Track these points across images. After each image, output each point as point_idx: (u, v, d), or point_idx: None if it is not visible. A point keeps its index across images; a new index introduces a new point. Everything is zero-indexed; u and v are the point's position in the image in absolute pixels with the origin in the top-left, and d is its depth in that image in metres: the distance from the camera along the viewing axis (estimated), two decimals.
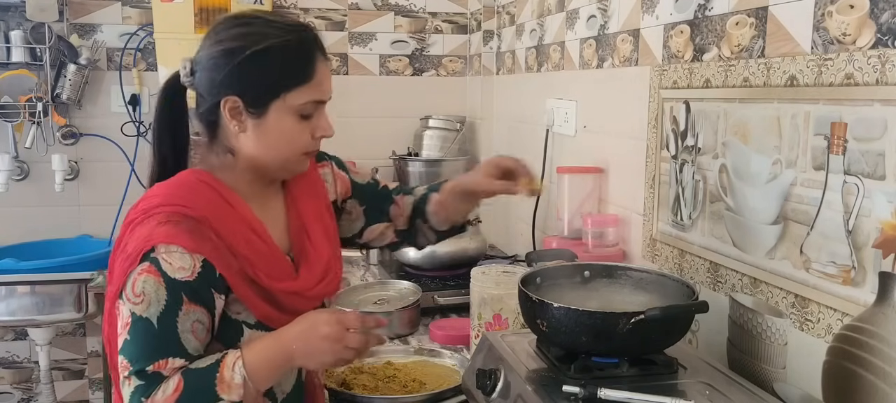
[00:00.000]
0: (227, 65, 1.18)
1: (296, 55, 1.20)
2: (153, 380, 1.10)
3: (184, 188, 1.20)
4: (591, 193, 1.96)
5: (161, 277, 1.11)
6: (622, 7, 1.83)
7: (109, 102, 2.89)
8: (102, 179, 2.91)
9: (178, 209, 1.15)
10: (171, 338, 1.11)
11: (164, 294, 1.11)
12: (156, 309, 1.11)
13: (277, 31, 1.19)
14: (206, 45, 1.22)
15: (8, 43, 2.72)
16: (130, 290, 1.11)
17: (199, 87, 1.22)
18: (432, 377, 1.54)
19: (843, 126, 1.11)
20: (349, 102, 3.08)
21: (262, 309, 1.20)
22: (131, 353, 1.11)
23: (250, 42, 1.18)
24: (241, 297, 1.18)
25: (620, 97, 1.83)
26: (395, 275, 2.24)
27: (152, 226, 1.14)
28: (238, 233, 1.19)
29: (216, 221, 1.17)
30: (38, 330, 2.71)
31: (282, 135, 1.21)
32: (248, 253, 1.18)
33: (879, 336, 1.05)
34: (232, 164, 1.24)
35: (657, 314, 1.12)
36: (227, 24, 1.21)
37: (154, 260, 1.11)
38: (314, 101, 1.22)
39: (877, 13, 1.05)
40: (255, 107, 1.19)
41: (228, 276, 1.16)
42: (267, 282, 1.19)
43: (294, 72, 1.19)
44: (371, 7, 3.07)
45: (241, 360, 1.12)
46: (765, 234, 1.28)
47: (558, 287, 1.39)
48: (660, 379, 1.18)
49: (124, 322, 1.12)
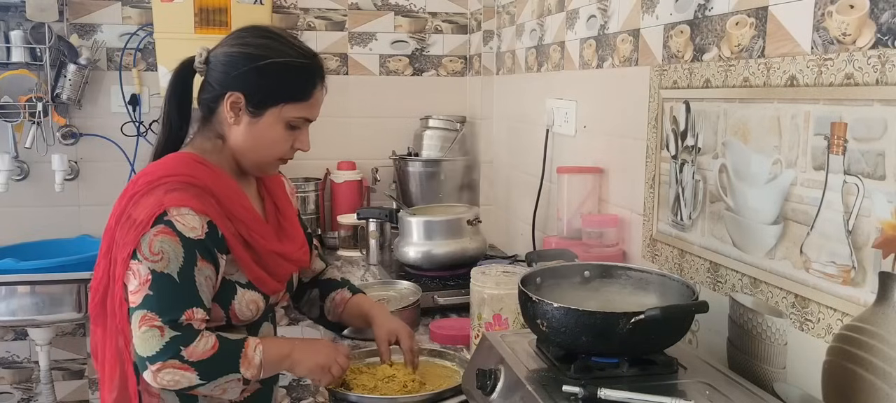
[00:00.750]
0: (245, 66, 1.34)
1: (304, 77, 1.37)
2: (188, 331, 1.25)
3: (182, 163, 1.35)
4: (591, 193, 1.96)
5: (177, 236, 1.26)
6: (622, 7, 1.83)
7: (109, 102, 2.89)
8: (102, 179, 2.91)
9: (184, 178, 1.31)
10: (192, 291, 1.27)
11: (181, 251, 1.26)
12: (176, 264, 1.25)
13: (295, 52, 1.38)
14: (229, 43, 1.38)
15: (8, 43, 2.72)
16: (148, 250, 1.25)
17: (210, 76, 1.38)
18: (432, 377, 1.54)
19: (843, 126, 1.11)
20: (349, 102, 3.08)
21: (254, 271, 1.37)
22: (158, 306, 1.24)
23: (272, 53, 1.35)
24: (237, 257, 1.34)
25: (620, 97, 1.83)
26: (395, 275, 2.24)
27: (161, 194, 1.28)
28: (233, 200, 1.35)
29: (216, 189, 1.33)
30: (38, 330, 2.71)
31: (268, 138, 1.37)
32: (244, 216, 1.36)
33: (879, 336, 1.05)
34: (220, 148, 1.40)
35: (657, 314, 1.12)
36: (254, 33, 1.39)
37: (168, 221, 1.26)
38: (304, 118, 1.40)
39: (877, 13, 1.05)
40: (255, 107, 1.35)
41: (228, 237, 1.32)
42: (260, 243, 1.37)
43: (297, 89, 1.37)
44: (371, 7, 3.07)
45: (261, 346, 1.31)
46: (765, 234, 1.28)
47: (558, 287, 1.39)
48: (660, 379, 1.18)
49: (143, 279, 1.25)
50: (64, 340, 2.95)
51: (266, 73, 1.34)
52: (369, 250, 2.54)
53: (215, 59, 1.38)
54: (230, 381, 1.28)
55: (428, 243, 2.23)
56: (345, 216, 2.83)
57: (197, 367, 1.24)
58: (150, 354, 1.23)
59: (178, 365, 1.23)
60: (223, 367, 1.27)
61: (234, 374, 1.28)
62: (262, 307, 1.41)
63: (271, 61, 1.34)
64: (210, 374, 1.26)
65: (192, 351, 1.23)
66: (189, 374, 1.24)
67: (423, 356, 1.66)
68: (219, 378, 1.27)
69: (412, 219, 2.26)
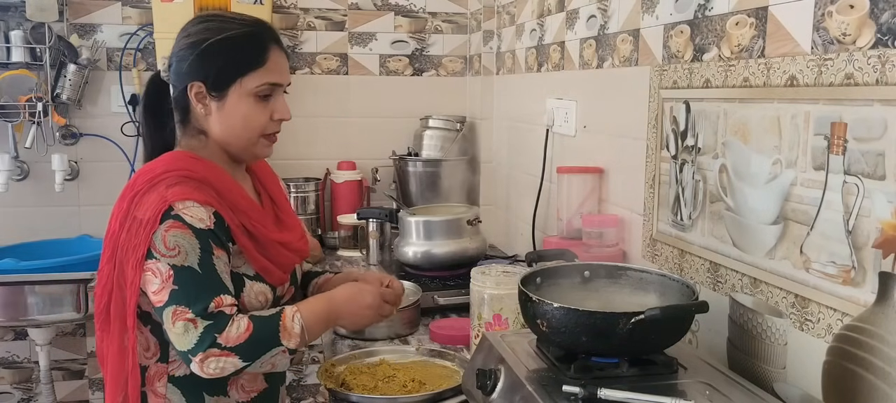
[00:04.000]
0: (192, 54, 1.34)
1: (251, 44, 1.36)
2: (220, 318, 1.24)
3: (179, 159, 1.35)
4: (591, 193, 1.96)
5: (188, 229, 1.26)
6: (622, 7, 1.83)
7: (109, 102, 2.89)
8: (102, 179, 2.91)
9: (183, 172, 1.31)
10: (215, 278, 1.27)
11: (195, 242, 1.26)
12: (194, 256, 1.25)
13: (235, 24, 1.37)
14: (178, 39, 1.39)
15: (8, 43, 2.71)
16: (162, 246, 1.25)
17: (172, 78, 1.39)
18: (432, 377, 1.54)
19: (843, 126, 1.11)
20: (349, 102, 3.08)
21: (260, 262, 1.36)
22: (186, 299, 1.24)
23: (211, 34, 1.35)
24: (242, 247, 1.34)
25: (620, 97, 1.83)
26: (395, 275, 2.23)
27: (162, 190, 1.28)
28: (232, 190, 1.35)
29: (214, 181, 1.33)
30: (38, 330, 2.70)
31: (241, 116, 1.36)
32: (245, 206, 1.36)
33: (879, 336, 1.05)
34: (206, 144, 1.40)
35: (657, 314, 1.12)
36: (193, 22, 1.40)
37: (176, 216, 1.26)
38: (269, 84, 1.37)
39: (877, 13, 1.05)
40: (216, 90, 1.35)
41: (233, 228, 1.32)
42: (263, 232, 1.37)
43: (249, 58, 1.35)
44: (371, 7, 3.07)
45: (299, 313, 1.31)
46: (765, 234, 1.28)
47: (558, 287, 1.39)
48: (660, 379, 1.18)
49: (165, 277, 1.25)
50: (64, 340, 2.95)
51: (212, 53, 1.34)
52: (369, 250, 2.54)
53: (171, 61, 1.39)
54: (276, 355, 1.28)
55: (428, 243, 2.23)
56: (345, 216, 2.83)
57: (237, 351, 1.24)
58: (189, 347, 1.23)
59: (218, 353, 1.23)
60: (264, 345, 1.27)
61: (277, 348, 1.28)
62: (270, 298, 1.40)
63: (212, 40, 1.34)
64: (252, 355, 1.26)
65: (227, 337, 1.24)
66: (232, 359, 1.24)
67: (423, 356, 1.67)
68: (263, 355, 1.27)
69: (412, 219, 2.26)
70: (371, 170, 3.06)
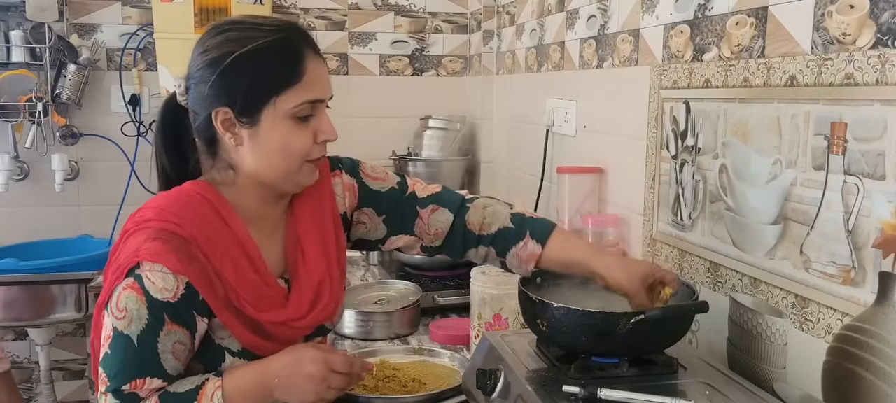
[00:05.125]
0: (213, 74, 1.12)
1: (283, 55, 1.13)
2: (129, 400, 1.09)
3: (179, 203, 1.15)
4: (591, 193, 1.96)
5: (144, 295, 1.08)
6: (622, 7, 1.83)
7: (109, 102, 2.89)
8: (102, 179, 2.91)
9: (169, 226, 1.11)
10: (149, 358, 1.09)
11: (145, 313, 1.08)
12: (137, 326, 1.08)
13: (261, 32, 1.13)
14: (194, 56, 1.16)
15: (8, 43, 2.71)
16: (115, 305, 1.09)
17: (192, 104, 1.17)
18: (432, 377, 1.54)
19: (843, 126, 1.11)
20: (349, 102, 3.08)
21: (247, 338, 1.16)
22: (110, 368, 1.10)
23: (234, 47, 1.12)
24: (224, 323, 1.14)
25: (620, 97, 1.83)
26: (395, 275, 2.23)
27: (141, 241, 1.10)
28: (227, 257, 1.14)
29: (206, 243, 1.12)
30: (38, 330, 2.71)
31: (278, 143, 1.14)
32: (235, 280, 1.13)
33: (879, 336, 1.05)
34: (234, 180, 1.18)
35: (657, 314, 1.12)
36: (210, 33, 1.15)
37: (138, 276, 1.09)
38: (309, 102, 1.14)
39: (877, 13, 1.05)
40: (246, 115, 1.13)
41: (211, 302, 1.11)
42: (253, 313, 1.15)
43: (282, 73, 1.12)
44: (371, 7, 3.07)
45: (220, 391, 1.11)
46: (765, 234, 1.28)
47: (558, 287, 1.39)
48: (660, 379, 1.18)
49: (107, 334, 1.10)
50: (64, 340, 2.95)
51: (238, 71, 1.11)
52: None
53: (190, 81, 1.16)
54: None
55: None
56: None
57: None
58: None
59: None
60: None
61: None
62: None
63: (236, 55, 1.11)
64: None
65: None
66: None
67: (423, 356, 1.67)
68: None
69: None
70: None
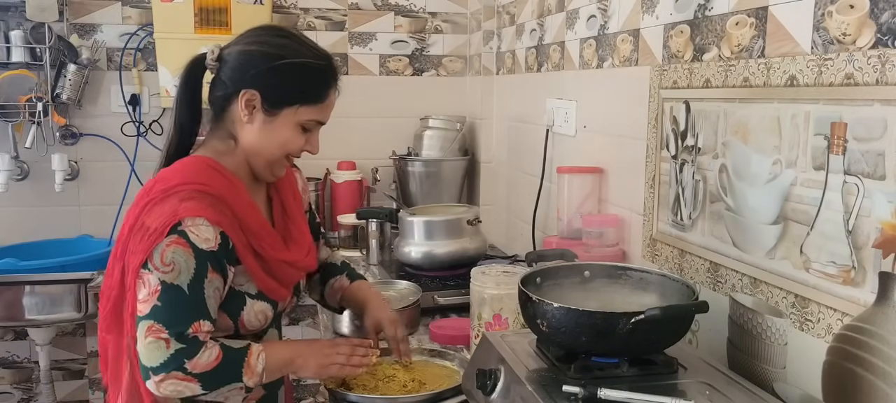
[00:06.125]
0: (264, 65, 1.33)
1: (320, 78, 1.37)
2: (193, 344, 1.24)
3: (196, 170, 1.33)
4: (591, 193, 1.96)
5: (190, 248, 1.25)
6: (622, 7, 1.83)
7: (109, 102, 2.90)
8: (102, 179, 2.91)
9: (199, 186, 1.29)
10: (200, 303, 1.26)
11: (193, 263, 1.25)
12: (186, 276, 1.24)
13: (312, 54, 1.37)
14: (244, 41, 1.37)
15: (8, 43, 2.71)
16: (159, 260, 1.23)
17: (223, 74, 1.36)
18: (432, 377, 1.54)
19: (843, 126, 1.11)
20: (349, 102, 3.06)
21: (264, 281, 1.36)
22: (166, 318, 1.23)
23: (290, 53, 1.34)
24: (248, 268, 1.33)
25: (620, 97, 1.83)
26: (395, 275, 2.23)
27: (176, 203, 1.26)
28: (244, 210, 1.34)
29: (229, 198, 1.31)
30: (38, 330, 2.71)
31: (282, 138, 1.37)
32: (254, 226, 1.35)
33: (879, 336, 1.05)
34: (233, 150, 1.38)
35: (657, 314, 1.12)
36: (270, 32, 1.39)
37: (182, 232, 1.25)
38: (317, 121, 1.39)
39: (877, 13, 1.05)
40: (271, 106, 1.34)
41: (239, 248, 1.31)
42: (269, 253, 1.36)
43: (313, 91, 1.37)
44: (371, 7, 3.07)
45: (264, 354, 1.31)
46: (765, 234, 1.28)
47: (558, 287, 1.39)
48: (660, 379, 1.18)
49: (152, 290, 1.24)
50: (64, 340, 2.95)
51: (283, 73, 1.33)
52: (369, 250, 2.54)
53: (229, 56, 1.36)
54: (232, 389, 1.30)
55: (428, 243, 2.23)
56: (345, 216, 2.83)
57: (200, 378, 1.25)
58: (154, 365, 1.23)
59: (181, 377, 1.24)
60: (226, 377, 1.27)
61: (236, 383, 1.28)
62: (270, 317, 1.41)
63: (289, 61, 1.33)
64: (212, 384, 1.26)
65: (195, 363, 1.24)
66: (192, 384, 1.25)
67: (423, 356, 1.66)
68: (221, 386, 1.28)
69: (412, 219, 2.26)
70: (371, 170, 3.06)
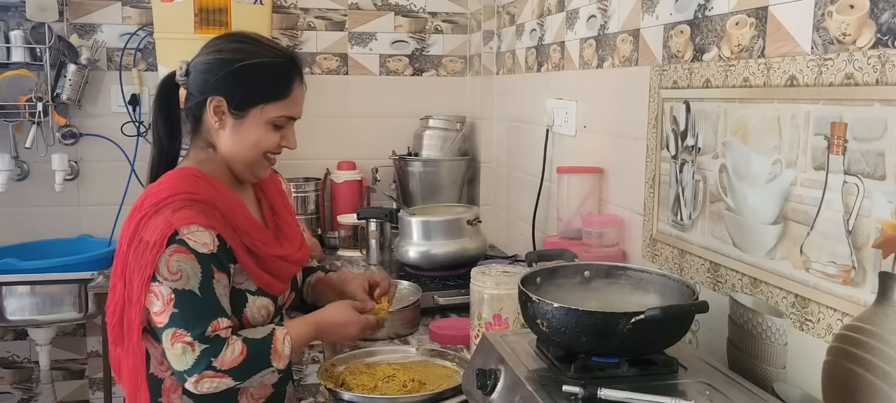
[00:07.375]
0: (221, 70, 1.38)
1: (280, 75, 1.41)
2: (216, 342, 1.30)
3: (182, 180, 1.38)
4: (591, 193, 1.96)
5: (192, 254, 1.30)
6: (622, 7, 1.83)
7: (109, 102, 2.89)
8: (102, 179, 2.91)
9: (188, 195, 1.34)
10: (213, 303, 1.32)
11: (198, 266, 1.30)
12: (195, 280, 1.30)
13: (270, 52, 1.41)
14: (205, 52, 1.42)
15: (8, 43, 2.71)
16: (166, 271, 1.28)
17: (191, 87, 1.42)
18: (432, 377, 1.54)
19: (843, 126, 1.11)
20: (349, 102, 3.08)
21: (261, 277, 1.41)
22: (185, 322, 1.29)
23: (246, 56, 1.39)
24: (244, 266, 1.38)
25: (620, 97, 1.83)
26: (395, 275, 2.23)
27: (168, 214, 1.31)
28: (234, 211, 1.39)
29: (218, 202, 1.36)
30: (38, 329, 2.71)
31: (253, 139, 1.41)
32: (245, 226, 1.40)
33: (879, 336, 1.05)
34: (213, 158, 1.43)
35: (657, 314, 1.12)
36: (227, 39, 1.44)
37: (180, 241, 1.29)
38: (286, 116, 1.43)
39: (877, 13, 1.05)
40: (237, 109, 1.39)
41: (235, 248, 1.36)
42: (263, 250, 1.41)
43: (275, 88, 1.40)
44: (371, 7, 3.07)
45: (289, 336, 1.38)
46: (765, 234, 1.28)
47: (558, 287, 1.39)
48: (660, 379, 1.18)
49: (166, 300, 1.29)
50: (64, 340, 2.95)
51: (243, 75, 1.37)
52: (369, 250, 2.54)
53: (194, 68, 1.41)
54: (265, 375, 1.36)
55: (428, 243, 2.23)
56: (345, 216, 2.83)
57: (230, 372, 1.31)
58: (185, 368, 1.29)
59: (213, 375, 1.30)
60: (255, 367, 1.34)
61: (267, 369, 1.35)
62: (271, 311, 1.45)
63: (246, 62, 1.38)
64: (244, 375, 1.33)
65: (222, 361, 1.30)
66: (225, 380, 1.31)
67: (423, 356, 1.67)
68: (253, 376, 1.34)
69: (412, 219, 2.26)
70: (371, 170, 3.06)
